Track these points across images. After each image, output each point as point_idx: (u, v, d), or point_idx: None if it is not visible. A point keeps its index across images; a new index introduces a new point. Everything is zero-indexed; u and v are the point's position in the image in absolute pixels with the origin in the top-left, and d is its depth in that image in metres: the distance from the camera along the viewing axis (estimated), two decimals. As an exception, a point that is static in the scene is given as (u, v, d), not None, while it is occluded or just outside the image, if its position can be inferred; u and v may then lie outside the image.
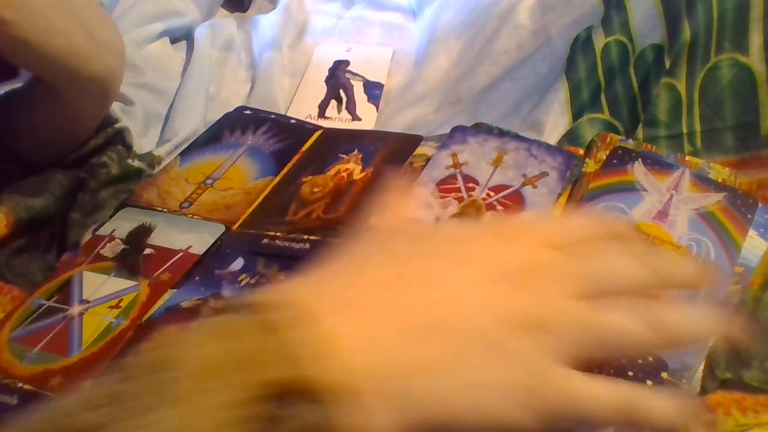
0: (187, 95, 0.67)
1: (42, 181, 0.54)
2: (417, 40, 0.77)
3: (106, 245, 0.50)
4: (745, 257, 0.45)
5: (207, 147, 0.59)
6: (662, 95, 0.54)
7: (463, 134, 0.54)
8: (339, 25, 0.82)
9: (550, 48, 0.64)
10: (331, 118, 0.69)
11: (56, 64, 0.47)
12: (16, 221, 0.50)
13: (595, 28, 0.60)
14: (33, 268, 0.51)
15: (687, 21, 0.54)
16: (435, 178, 0.51)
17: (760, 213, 0.48)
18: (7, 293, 0.48)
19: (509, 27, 0.67)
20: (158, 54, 0.73)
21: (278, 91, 0.70)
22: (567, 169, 0.51)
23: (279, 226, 0.50)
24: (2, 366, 0.42)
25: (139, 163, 0.59)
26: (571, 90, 0.59)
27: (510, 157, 0.52)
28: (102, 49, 0.50)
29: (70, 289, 0.47)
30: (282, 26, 0.78)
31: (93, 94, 0.53)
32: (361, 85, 0.72)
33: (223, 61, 0.74)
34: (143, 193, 0.55)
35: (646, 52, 0.57)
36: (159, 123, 0.66)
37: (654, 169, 0.50)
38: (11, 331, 0.44)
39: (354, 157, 0.55)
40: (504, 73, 0.66)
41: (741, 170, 0.51)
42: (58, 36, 0.46)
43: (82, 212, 0.54)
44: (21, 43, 0.44)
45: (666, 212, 0.48)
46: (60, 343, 0.43)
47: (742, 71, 0.53)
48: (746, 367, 0.42)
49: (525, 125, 0.59)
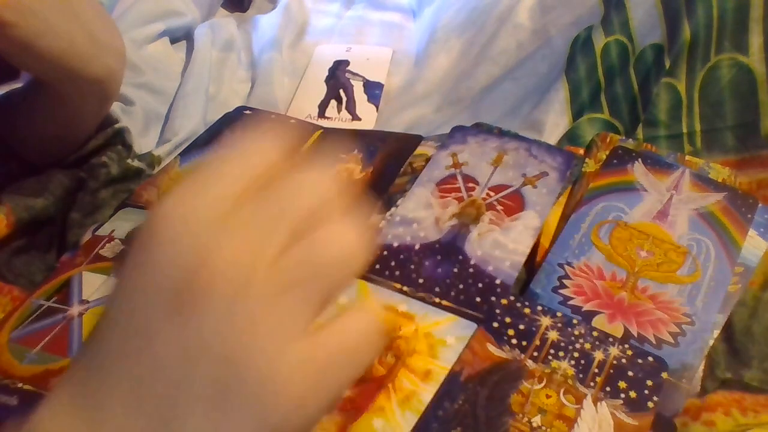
0: (187, 95, 0.67)
1: (42, 181, 0.53)
2: (417, 40, 0.77)
3: (106, 245, 0.50)
4: (745, 257, 0.45)
5: (207, 147, 0.59)
6: (662, 95, 0.54)
7: (463, 134, 0.54)
8: (339, 25, 0.82)
9: (550, 48, 0.64)
10: (331, 118, 0.69)
11: (57, 66, 0.47)
12: (16, 221, 0.50)
13: (595, 28, 0.60)
14: (33, 268, 0.51)
15: (687, 21, 0.54)
16: (435, 178, 0.51)
17: (760, 213, 0.48)
18: (7, 293, 0.48)
19: (509, 27, 0.67)
20: (158, 54, 0.73)
21: (278, 91, 0.70)
22: (567, 169, 0.51)
23: (279, 226, 0.50)
24: (2, 366, 0.42)
25: (138, 163, 0.59)
26: (571, 90, 0.59)
27: (510, 157, 0.52)
28: (102, 50, 0.50)
29: (69, 290, 0.47)
30: (282, 26, 0.78)
31: (93, 94, 0.53)
32: (361, 85, 0.72)
33: (223, 61, 0.74)
34: (143, 193, 0.55)
35: (646, 52, 0.57)
36: (159, 123, 0.66)
37: (654, 169, 0.50)
38: (11, 331, 0.44)
39: (354, 157, 0.55)
40: (504, 73, 0.66)
41: (741, 170, 0.51)
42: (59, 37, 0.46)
43: (82, 212, 0.54)
44: (21, 45, 0.44)
45: (666, 212, 0.48)
46: (60, 344, 0.43)
47: (742, 71, 0.53)
48: (746, 367, 0.42)
49: (525, 125, 0.59)
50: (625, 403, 0.38)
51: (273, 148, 0.27)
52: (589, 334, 0.41)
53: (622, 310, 0.43)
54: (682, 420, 0.39)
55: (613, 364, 0.39)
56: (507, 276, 0.44)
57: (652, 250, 0.46)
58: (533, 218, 0.47)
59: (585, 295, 0.43)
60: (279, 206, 0.25)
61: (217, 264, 0.23)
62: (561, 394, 0.38)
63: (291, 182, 0.26)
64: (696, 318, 0.42)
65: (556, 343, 0.40)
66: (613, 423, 0.37)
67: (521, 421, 0.37)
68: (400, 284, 0.44)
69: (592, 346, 0.40)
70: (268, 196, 0.25)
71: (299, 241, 0.25)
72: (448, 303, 0.43)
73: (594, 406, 0.38)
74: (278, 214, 0.25)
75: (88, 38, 0.48)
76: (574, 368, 0.39)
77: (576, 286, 0.44)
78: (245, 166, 0.26)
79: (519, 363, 0.40)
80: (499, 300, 0.43)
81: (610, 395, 0.38)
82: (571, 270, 0.45)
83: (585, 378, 0.39)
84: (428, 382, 0.39)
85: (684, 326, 0.42)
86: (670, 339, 0.41)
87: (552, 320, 0.41)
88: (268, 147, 0.27)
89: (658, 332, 0.41)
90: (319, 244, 0.25)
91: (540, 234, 0.47)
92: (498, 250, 0.46)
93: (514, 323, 0.41)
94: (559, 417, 0.37)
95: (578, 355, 0.40)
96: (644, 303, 0.43)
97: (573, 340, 0.40)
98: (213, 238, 0.24)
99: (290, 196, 0.25)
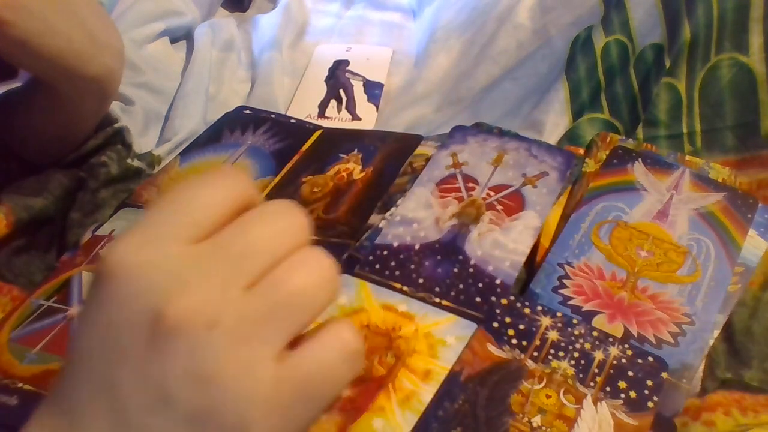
0: (187, 95, 0.67)
1: (42, 181, 0.53)
2: (417, 40, 0.77)
3: (106, 245, 0.50)
4: (745, 257, 0.45)
5: (207, 147, 0.59)
6: (662, 95, 0.54)
7: (463, 134, 0.54)
8: (339, 25, 0.82)
9: (550, 48, 0.64)
10: (331, 118, 0.69)
11: (55, 65, 0.47)
12: (16, 221, 0.50)
13: (595, 27, 0.60)
14: (33, 268, 0.51)
15: (687, 21, 0.54)
16: (435, 177, 0.51)
17: (760, 213, 0.48)
18: (7, 293, 0.48)
19: (509, 27, 0.67)
20: (158, 54, 0.73)
21: (278, 90, 0.70)
22: (567, 169, 0.51)
23: (279, 226, 0.50)
24: (2, 366, 0.42)
25: (138, 162, 0.59)
26: (571, 90, 0.59)
27: (510, 156, 0.52)
28: (101, 49, 0.50)
29: (69, 290, 0.47)
30: (282, 26, 0.78)
31: (92, 94, 0.53)
32: (361, 85, 0.72)
33: (223, 60, 0.74)
34: (143, 193, 0.55)
35: (646, 52, 0.57)
36: (159, 123, 0.66)
37: (654, 168, 0.50)
38: (11, 331, 0.44)
39: (354, 157, 0.55)
40: (504, 73, 0.66)
41: (741, 170, 0.51)
42: (57, 37, 0.46)
43: (81, 212, 0.54)
44: (20, 44, 0.44)
45: (666, 212, 0.48)
46: (60, 344, 0.43)
47: (742, 71, 0.53)
48: (746, 367, 0.42)
49: (525, 125, 0.59)
50: (625, 403, 0.38)
51: (231, 185, 0.26)
52: (589, 334, 0.41)
53: (622, 310, 0.43)
54: (682, 420, 0.39)
55: (613, 364, 0.39)
56: (507, 276, 0.44)
57: (652, 250, 0.46)
58: (533, 218, 0.47)
59: (585, 295, 0.43)
60: (242, 242, 0.25)
61: (181, 304, 0.23)
62: (561, 394, 0.38)
63: (252, 217, 0.26)
64: (696, 318, 0.42)
65: (556, 343, 0.40)
66: (613, 423, 0.37)
67: (521, 421, 0.37)
68: (400, 284, 0.44)
69: (592, 346, 0.40)
70: (230, 233, 0.25)
71: (264, 276, 0.24)
72: (448, 303, 0.43)
73: (594, 406, 0.38)
74: (241, 251, 0.25)
75: (87, 37, 0.48)
76: (574, 368, 0.39)
77: (576, 286, 0.44)
78: (206, 202, 0.26)
79: (519, 363, 0.40)
80: (499, 300, 0.43)
81: (610, 395, 0.38)
82: (571, 270, 0.45)
83: (585, 378, 0.39)
84: (428, 382, 0.39)
85: (684, 326, 0.42)
86: (670, 339, 0.41)
87: (552, 320, 0.41)
88: (227, 184, 0.26)
89: (658, 332, 0.41)
90: (282, 278, 0.25)
91: (540, 234, 0.47)
92: (498, 250, 0.46)
93: (514, 323, 0.41)
94: (559, 417, 0.37)
95: (578, 355, 0.40)
96: (644, 303, 0.43)
97: (573, 340, 0.40)
98: (176, 280, 0.24)
99: (252, 232, 0.25)
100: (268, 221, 0.26)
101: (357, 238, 0.48)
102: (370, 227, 0.48)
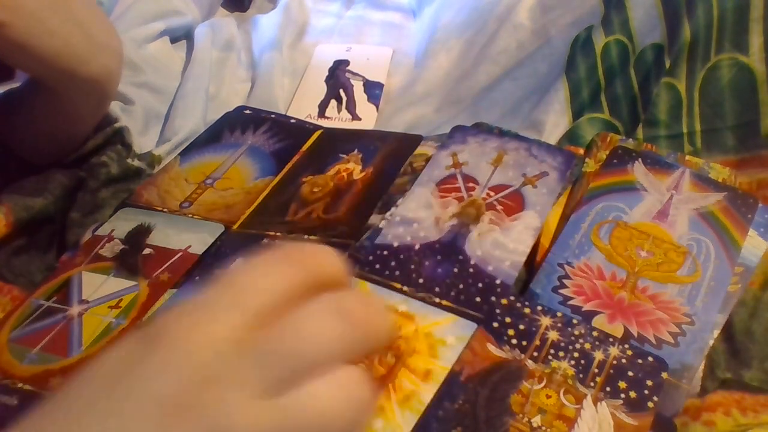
0: (187, 95, 0.67)
1: (42, 181, 0.53)
2: (417, 40, 0.77)
3: (105, 245, 0.50)
4: (745, 257, 0.45)
5: (207, 147, 0.59)
6: (662, 95, 0.54)
7: (463, 134, 0.54)
8: (339, 25, 0.82)
9: (550, 48, 0.64)
10: (331, 118, 0.69)
11: (53, 66, 0.47)
12: (16, 221, 0.50)
13: (595, 27, 0.60)
14: (33, 268, 0.51)
15: (687, 20, 0.54)
16: (435, 177, 0.51)
17: (760, 213, 0.48)
18: (7, 293, 0.48)
19: (509, 27, 0.67)
20: (158, 53, 0.73)
21: (278, 90, 0.70)
22: (567, 169, 0.51)
23: (279, 226, 0.50)
24: (2, 366, 0.42)
25: (138, 162, 0.59)
26: (571, 90, 0.59)
27: (510, 156, 0.52)
28: (99, 49, 0.50)
29: (69, 290, 0.47)
30: (282, 26, 0.78)
31: (91, 94, 0.53)
32: (361, 85, 0.72)
33: (223, 60, 0.74)
34: (143, 193, 0.55)
35: (646, 52, 0.57)
36: (159, 122, 0.66)
37: (654, 168, 0.50)
38: (11, 331, 0.44)
39: (354, 157, 0.55)
40: (504, 73, 0.66)
41: (741, 170, 0.51)
42: (55, 37, 0.45)
43: (81, 212, 0.54)
44: (17, 45, 0.44)
45: (666, 212, 0.48)
46: (60, 344, 0.43)
47: (742, 71, 0.53)
48: (746, 367, 0.42)
49: (525, 125, 0.59)
50: (625, 403, 0.38)
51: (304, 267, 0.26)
52: (589, 334, 0.41)
53: (622, 310, 0.43)
54: (682, 420, 0.39)
55: (613, 364, 0.39)
56: (507, 276, 0.44)
57: (652, 250, 0.46)
58: (533, 218, 0.47)
59: (585, 295, 0.43)
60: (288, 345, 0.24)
61: (202, 398, 0.23)
62: (561, 394, 0.38)
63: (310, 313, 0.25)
64: (696, 318, 0.42)
65: (556, 343, 0.40)
66: (613, 423, 0.37)
67: (521, 421, 0.37)
68: (400, 284, 0.44)
69: (592, 346, 0.40)
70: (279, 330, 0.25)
71: (293, 383, 0.24)
72: (448, 303, 0.43)
73: (594, 406, 0.38)
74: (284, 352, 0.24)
75: (84, 38, 0.48)
76: (574, 368, 0.39)
77: (576, 286, 0.44)
78: (265, 288, 0.25)
79: (519, 363, 0.40)
80: (499, 300, 0.43)
81: (610, 395, 0.38)
82: (571, 270, 0.45)
83: (585, 378, 0.39)
84: (428, 382, 0.39)
85: (684, 326, 0.42)
86: (670, 339, 0.41)
87: (552, 320, 0.41)
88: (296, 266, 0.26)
89: (658, 332, 0.41)
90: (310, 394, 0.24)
91: (540, 234, 0.47)
92: (498, 250, 0.46)
93: (514, 323, 0.41)
94: (559, 417, 0.37)
95: (578, 355, 0.40)
96: (644, 303, 0.43)
97: (573, 340, 0.40)
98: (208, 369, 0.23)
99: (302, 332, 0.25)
100: (326, 326, 0.25)
101: (357, 238, 0.48)
102: (370, 227, 0.48)
